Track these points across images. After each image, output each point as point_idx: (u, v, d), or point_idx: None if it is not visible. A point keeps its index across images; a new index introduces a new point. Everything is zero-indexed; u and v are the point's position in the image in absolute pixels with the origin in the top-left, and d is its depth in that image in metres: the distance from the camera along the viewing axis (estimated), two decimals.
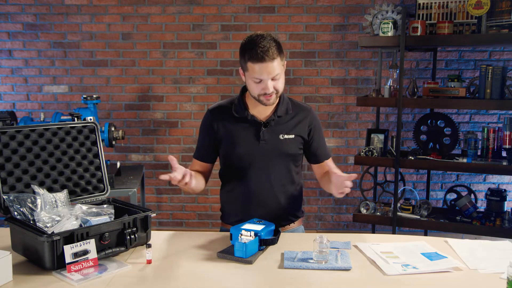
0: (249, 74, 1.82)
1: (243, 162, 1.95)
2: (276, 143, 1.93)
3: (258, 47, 1.75)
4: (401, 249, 1.73)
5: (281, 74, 1.83)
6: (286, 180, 1.98)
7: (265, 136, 1.92)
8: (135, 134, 4.00)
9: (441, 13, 3.19)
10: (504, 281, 1.44)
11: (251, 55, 1.77)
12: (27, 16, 3.85)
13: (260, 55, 1.75)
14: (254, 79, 1.80)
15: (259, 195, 1.96)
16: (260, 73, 1.78)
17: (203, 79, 3.93)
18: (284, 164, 1.96)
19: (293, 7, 3.83)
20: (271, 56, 1.76)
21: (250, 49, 1.78)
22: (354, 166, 3.89)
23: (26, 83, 3.94)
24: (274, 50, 1.77)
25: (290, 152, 1.96)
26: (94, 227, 1.59)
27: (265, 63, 1.76)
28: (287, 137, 1.94)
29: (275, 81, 1.82)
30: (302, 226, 2.11)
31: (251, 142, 1.92)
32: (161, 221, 4.10)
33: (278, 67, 1.80)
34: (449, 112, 3.68)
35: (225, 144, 1.96)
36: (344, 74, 3.89)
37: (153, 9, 3.85)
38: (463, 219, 3.22)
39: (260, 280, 1.50)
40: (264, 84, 1.80)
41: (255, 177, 1.95)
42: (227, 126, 1.95)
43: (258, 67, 1.77)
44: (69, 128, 1.87)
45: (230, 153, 1.96)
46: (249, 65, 1.79)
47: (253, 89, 1.84)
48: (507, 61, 3.77)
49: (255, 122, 1.93)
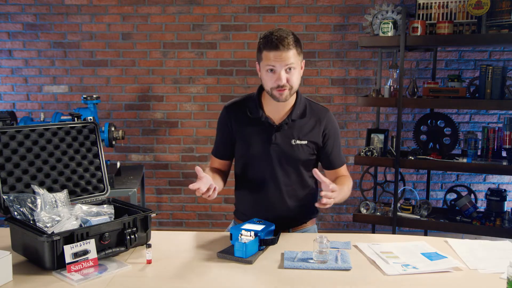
0: (263, 63, 1.80)
1: (254, 164, 1.94)
2: (287, 148, 1.90)
3: (273, 36, 1.75)
4: (401, 249, 1.73)
5: (296, 68, 1.81)
6: (296, 185, 1.96)
7: (277, 139, 1.90)
8: (135, 134, 4.00)
9: (441, 13, 3.19)
10: (504, 281, 1.44)
11: (266, 42, 1.76)
12: (27, 16, 3.85)
13: (275, 43, 1.74)
14: (267, 66, 1.78)
15: (268, 198, 1.95)
16: (274, 60, 1.75)
17: (203, 79, 3.93)
18: (294, 169, 1.94)
19: (293, 7, 3.83)
20: (286, 45, 1.74)
21: (265, 37, 1.78)
22: (354, 166, 3.89)
23: (26, 83, 3.94)
24: (290, 40, 1.76)
25: (301, 158, 1.92)
26: (94, 227, 1.59)
27: (279, 51, 1.74)
28: (299, 142, 1.91)
29: (289, 74, 1.79)
30: (315, 226, 2.10)
31: (262, 145, 1.91)
32: (161, 221, 4.10)
33: (293, 58, 1.78)
34: (449, 112, 3.68)
35: (239, 143, 1.95)
36: (344, 74, 3.89)
37: (153, 9, 3.85)
38: (463, 219, 3.22)
39: (260, 280, 1.50)
40: (277, 74, 1.77)
41: (265, 180, 1.94)
42: (241, 126, 1.94)
43: (272, 55, 1.76)
44: (69, 128, 1.87)
45: (243, 153, 1.96)
46: (264, 53, 1.78)
47: (267, 81, 1.81)
48: (507, 61, 3.77)
49: (268, 125, 1.91)
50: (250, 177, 1.97)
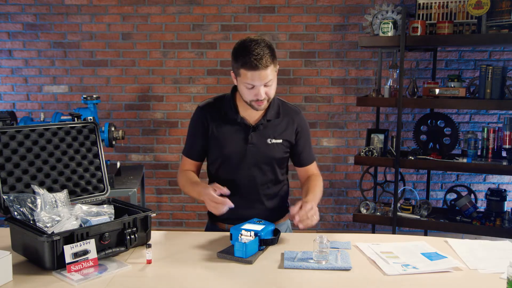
0: (241, 79, 1.81)
1: (229, 163, 1.96)
2: (263, 147, 1.95)
3: (252, 55, 1.73)
4: (401, 249, 1.73)
5: (273, 80, 1.83)
6: (271, 183, 2.01)
7: (253, 139, 1.94)
8: (135, 134, 4.00)
9: (441, 13, 3.19)
10: (504, 281, 1.44)
11: (245, 62, 1.75)
12: (27, 16, 3.85)
13: (254, 63, 1.73)
14: (247, 84, 1.80)
15: (244, 196, 1.97)
16: (252, 79, 1.78)
17: (203, 79, 3.93)
18: (270, 167, 1.98)
19: (293, 7, 3.83)
20: (265, 64, 1.75)
21: (243, 56, 1.76)
22: (354, 166, 3.89)
23: (26, 83, 3.94)
24: (268, 58, 1.75)
25: (276, 157, 1.97)
26: (94, 227, 1.59)
27: (258, 71, 1.75)
28: (275, 141, 1.96)
29: (268, 87, 1.82)
30: (288, 221, 2.14)
31: (239, 145, 1.94)
32: (161, 221, 4.10)
33: (271, 74, 1.80)
34: (449, 112, 3.68)
35: (214, 143, 1.97)
36: (344, 74, 3.89)
37: (153, 9, 3.85)
38: (463, 219, 3.22)
39: (260, 280, 1.50)
40: (257, 90, 1.80)
41: (241, 178, 1.97)
42: (217, 126, 1.96)
43: (250, 74, 1.77)
44: (69, 128, 1.87)
45: (217, 153, 1.97)
46: (242, 71, 1.78)
47: (245, 94, 1.84)
48: (507, 61, 3.77)
49: (244, 125, 1.94)
50: (225, 177, 1.98)
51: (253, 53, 1.74)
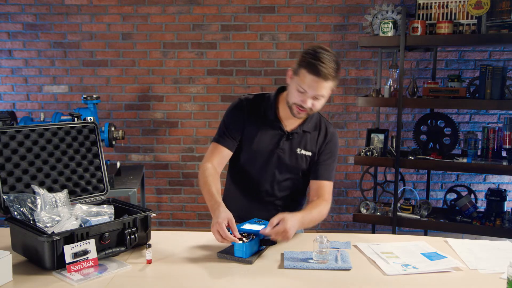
0: (297, 79, 1.77)
1: (255, 162, 1.95)
2: (291, 155, 1.93)
3: (320, 61, 1.71)
4: (401, 249, 1.73)
5: (325, 97, 1.80)
6: (292, 189, 2.00)
7: (284, 145, 1.93)
8: (135, 134, 4.00)
9: (441, 13, 3.19)
10: (504, 281, 1.44)
11: (310, 64, 1.72)
12: (27, 16, 3.85)
13: (318, 68, 1.71)
14: (300, 87, 1.77)
15: (262, 198, 1.97)
16: (308, 84, 1.74)
17: (203, 79, 3.93)
18: (293, 176, 1.97)
19: (293, 7, 3.83)
20: (327, 76, 1.72)
21: (312, 58, 1.73)
22: (354, 166, 3.89)
23: (26, 83, 3.94)
24: (332, 71, 1.73)
25: (302, 168, 1.96)
26: (94, 227, 1.59)
27: (318, 78, 1.72)
28: (304, 153, 1.95)
29: (316, 100, 1.79)
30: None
31: (269, 147, 1.92)
32: (161, 221, 4.10)
33: (326, 90, 1.77)
34: (449, 112, 3.68)
35: (246, 137, 1.94)
36: (344, 74, 3.89)
37: (153, 9, 3.85)
38: (463, 219, 3.22)
39: (260, 280, 1.50)
40: (305, 97, 1.77)
41: (262, 181, 1.96)
42: (253, 121, 1.93)
43: (309, 78, 1.73)
44: (69, 128, 1.87)
45: (246, 147, 1.95)
46: (302, 71, 1.75)
47: (292, 96, 1.81)
48: (507, 61, 3.77)
49: (280, 129, 1.92)
50: (247, 175, 1.97)
51: (322, 60, 1.72)
